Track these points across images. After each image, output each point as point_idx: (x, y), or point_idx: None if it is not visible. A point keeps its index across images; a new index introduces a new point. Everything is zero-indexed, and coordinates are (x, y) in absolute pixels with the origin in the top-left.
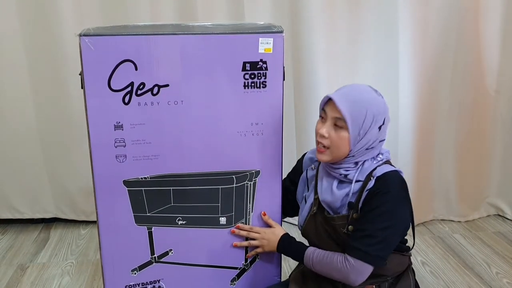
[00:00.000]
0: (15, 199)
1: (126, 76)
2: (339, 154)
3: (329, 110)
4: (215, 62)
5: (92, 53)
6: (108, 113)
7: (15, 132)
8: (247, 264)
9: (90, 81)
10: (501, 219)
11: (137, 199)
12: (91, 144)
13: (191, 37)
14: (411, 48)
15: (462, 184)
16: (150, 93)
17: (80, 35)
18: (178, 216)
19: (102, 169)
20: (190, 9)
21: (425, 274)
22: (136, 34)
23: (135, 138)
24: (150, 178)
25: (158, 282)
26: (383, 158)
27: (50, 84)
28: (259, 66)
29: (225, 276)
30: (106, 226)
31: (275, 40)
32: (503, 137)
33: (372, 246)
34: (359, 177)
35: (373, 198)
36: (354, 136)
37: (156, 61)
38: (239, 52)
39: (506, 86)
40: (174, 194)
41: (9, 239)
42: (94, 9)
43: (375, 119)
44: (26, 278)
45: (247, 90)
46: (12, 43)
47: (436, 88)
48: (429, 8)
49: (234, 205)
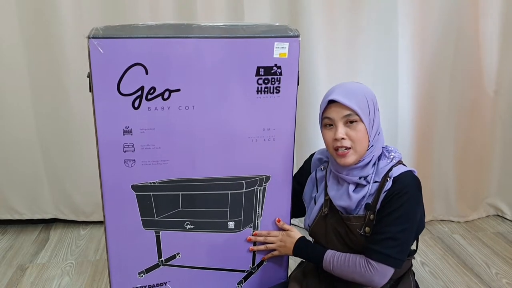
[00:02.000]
0: (14, 200)
1: (136, 80)
2: (362, 149)
3: (335, 112)
4: (228, 66)
5: (101, 56)
6: (117, 117)
7: (15, 132)
8: (254, 267)
9: (98, 84)
10: (501, 219)
11: (145, 204)
12: (99, 148)
13: (205, 41)
14: (411, 48)
15: (461, 184)
16: (161, 97)
17: (89, 37)
18: (187, 220)
19: (110, 173)
20: (190, 8)
21: (425, 274)
22: (147, 37)
23: (145, 143)
24: (159, 183)
25: (165, 284)
26: (396, 157)
27: (50, 86)
28: (273, 71)
29: (231, 278)
30: (114, 230)
31: (291, 45)
32: (502, 137)
33: (393, 249)
34: (375, 178)
35: (391, 200)
36: (368, 125)
37: (167, 65)
38: (253, 56)
39: (505, 86)
40: (182, 198)
41: (9, 240)
42: (94, 9)
43: (374, 104)
44: (26, 278)
45: (260, 95)
46: (11, 44)
47: (435, 88)
48: (429, 8)
49: (243, 210)
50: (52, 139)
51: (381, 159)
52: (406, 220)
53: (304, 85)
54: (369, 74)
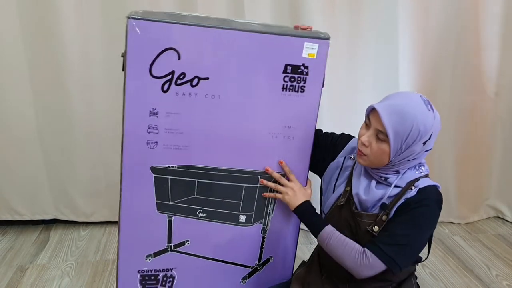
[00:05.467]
0: (14, 200)
1: (168, 64)
2: (377, 163)
3: (373, 120)
4: (257, 61)
5: (138, 36)
6: (145, 98)
7: (15, 133)
8: (260, 264)
9: (132, 64)
10: (501, 221)
11: (162, 187)
12: (125, 127)
13: (237, 33)
14: (411, 50)
15: (462, 186)
16: (190, 84)
17: (128, 17)
18: (200, 208)
19: (132, 153)
20: (190, 7)
21: (425, 276)
22: (183, 23)
23: (169, 127)
24: (177, 167)
25: (171, 270)
26: (425, 170)
27: (51, 86)
28: (300, 70)
29: (236, 273)
30: (128, 209)
31: (320, 46)
32: (502, 140)
33: (390, 247)
34: (399, 183)
35: (409, 206)
36: (395, 150)
37: (199, 53)
38: (282, 53)
39: (506, 88)
40: (198, 186)
41: (9, 240)
42: (95, 10)
43: (421, 135)
44: (26, 279)
45: (285, 92)
46: (12, 44)
47: (435, 90)
48: (429, 10)
49: (256, 204)
50: (52, 139)
51: (410, 170)
52: (414, 227)
53: None
54: (369, 75)
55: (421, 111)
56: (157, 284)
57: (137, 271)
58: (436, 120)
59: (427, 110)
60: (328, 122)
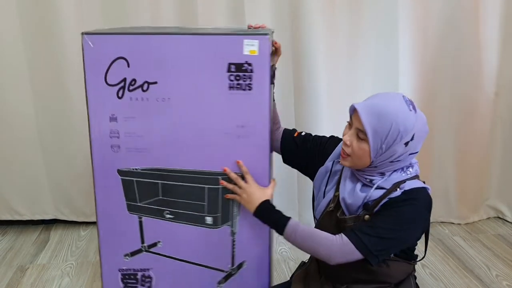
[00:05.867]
0: (14, 200)
1: (120, 72)
2: (359, 164)
3: (355, 119)
4: (201, 62)
5: (91, 49)
6: (104, 105)
7: (15, 133)
8: (234, 269)
9: (90, 75)
10: (501, 221)
11: (130, 188)
12: (91, 134)
13: (179, 37)
14: (411, 50)
15: (462, 186)
16: (141, 89)
17: (82, 33)
18: (166, 209)
19: (100, 158)
20: (190, 8)
21: (425, 277)
22: (128, 33)
23: (128, 131)
24: (140, 170)
25: (148, 271)
26: (413, 172)
27: (51, 86)
28: (244, 68)
29: (212, 276)
30: (103, 211)
31: (261, 42)
32: (502, 139)
33: (368, 236)
34: (384, 184)
35: (394, 205)
36: (375, 149)
37: (146, 59)
38: (224, 53)
39: (506, 88)
40: (162, 188)
41: (9, 240)
42: (95, 10)
43: (401, 135)
44: (26, 279)
45: (232, 91)
46: (12, 44)
47: (435, 90)
48: (429, 10)
49: (221, 206)
50: (52, 139)
51: (397, 172)
52: (396, 223)
53: (304, 86)
54: (369, 75)
55: (402, 111)
56: (137, 283)
57: (118, 270)
58: (419, 121)
59: (408, 110)
60: (328, 122)
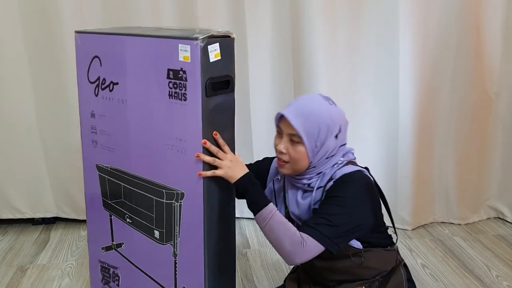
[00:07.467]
0: (16, 199)
1: (96, 71)
2: (299, 168)
3: (284, 126)
4: (148, 66)
5: (79, 47)
6: (87, 101)
7: (16, 132)
8: None
9: (79, 72)
10: (501, 221)
11: (104, 185)
12: (81, 128)
13: (132, 38)
14: (412, 51)
15: (462, 186)
16: (108, 89)
17: (75, 31)
18: (126, 213)
19: (86, 151)
20: (190, 8)
21: (425, 277)
22: (99, 33)
23: (101, 128)
24: (110, 168)
25: (116, 269)
26: (343, 160)
27: (51, 85)
28: (180, 76)
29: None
30: (90, 202)
31: (192, 48)
32: (503, 140)
33: (326, 227)
34: (321, 183)
35: (332, 191)
36: (311, 149)
37: (112, 59)
38: (164, 57)
39: (507, 88)
40: (123, 190)
41: (9, 240)
42: (95, 10)
43: (330, 129)
44: (26, 279)
45: (171, 100)
46: (13, 44)
47: (436, 90)
48: (430, 10)
49: (165, 222)
50: (53, 138)
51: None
52: (341, 206)
53: (304, 87)
54: (370, 76)
55: (325, 107)
56: (110, 278)
57: (98, 260)
58: (340, 113)
59: (329, 105)
60: None
